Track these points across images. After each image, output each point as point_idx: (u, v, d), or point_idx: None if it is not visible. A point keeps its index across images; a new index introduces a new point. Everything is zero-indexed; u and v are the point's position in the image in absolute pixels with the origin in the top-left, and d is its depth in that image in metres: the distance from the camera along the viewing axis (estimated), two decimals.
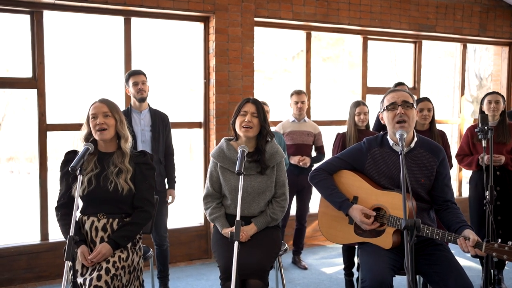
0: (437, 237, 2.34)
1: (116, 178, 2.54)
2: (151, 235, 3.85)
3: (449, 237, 2.32)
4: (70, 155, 2.59)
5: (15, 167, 12.12)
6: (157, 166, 3.72)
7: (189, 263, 4.74)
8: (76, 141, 2.66)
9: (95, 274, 2.32)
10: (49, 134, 4.28)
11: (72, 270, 2.18)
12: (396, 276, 2.47)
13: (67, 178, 2.57)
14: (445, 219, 2.52)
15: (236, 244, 2.17)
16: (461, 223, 2.41)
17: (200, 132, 4.92)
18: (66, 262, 2.04)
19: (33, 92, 4.21)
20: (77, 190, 2.23)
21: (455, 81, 6.64)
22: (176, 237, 4.66)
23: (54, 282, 4.17)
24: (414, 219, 2.02)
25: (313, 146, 4.59)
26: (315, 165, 4.47)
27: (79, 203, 2.55)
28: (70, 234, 2.10)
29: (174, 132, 4.10)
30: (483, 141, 3.10)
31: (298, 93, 4.51)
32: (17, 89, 4.28)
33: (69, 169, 2.22)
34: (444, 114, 6.89)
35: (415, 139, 2.61)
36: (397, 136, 2.42)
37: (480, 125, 3.11)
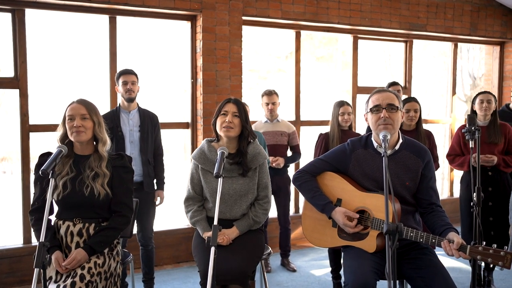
0: (421, 240, 2.29)
1: (92, 183, 2.45)
2: (137, 235, 3.79)
3: (433, 240, 2.26)
4: (45, 157, 2.49)
5: (8, 167, 12.02)
6: (145, 167, 3.67)
7: (176, 265, 4.66)
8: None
9: (69, 281, 2.24)
10: (35, 135, 4.19)
11: (43, 278, 2.10)
12: (380, 280, 2.41)
13: (41, 181, 2.47)
14: (429, 222, 2.46)
15: (212, 249, 2.10)
16: (445, 225, 2.35)
17: (187, 132, 4.84)
18: (35, 269, 1.96)
19: (15, 92, 4.13)
20: (49, 194, 2.15)
21: (448, 80, 6.59)
22: (162, 239, 4.59)
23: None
24: (396, 223, 1.96)
25: (288, 146, 4.51)
26: (292, 165, 4.39)
27: (54, 207, 2.48)
28: (40, 240, 2.02)
29: (165, 132, 4.03)
30: (470, 142, 3.06)
31: (268, 94, 4.41)
32: (4, 89, 4.19)
33: (40, 173, 2.13)
34: (437, 113, 6.84)
35: (400, 140, 2.55)
36: (381, 137, 2.36)
37: (467, 125, 3.06)
